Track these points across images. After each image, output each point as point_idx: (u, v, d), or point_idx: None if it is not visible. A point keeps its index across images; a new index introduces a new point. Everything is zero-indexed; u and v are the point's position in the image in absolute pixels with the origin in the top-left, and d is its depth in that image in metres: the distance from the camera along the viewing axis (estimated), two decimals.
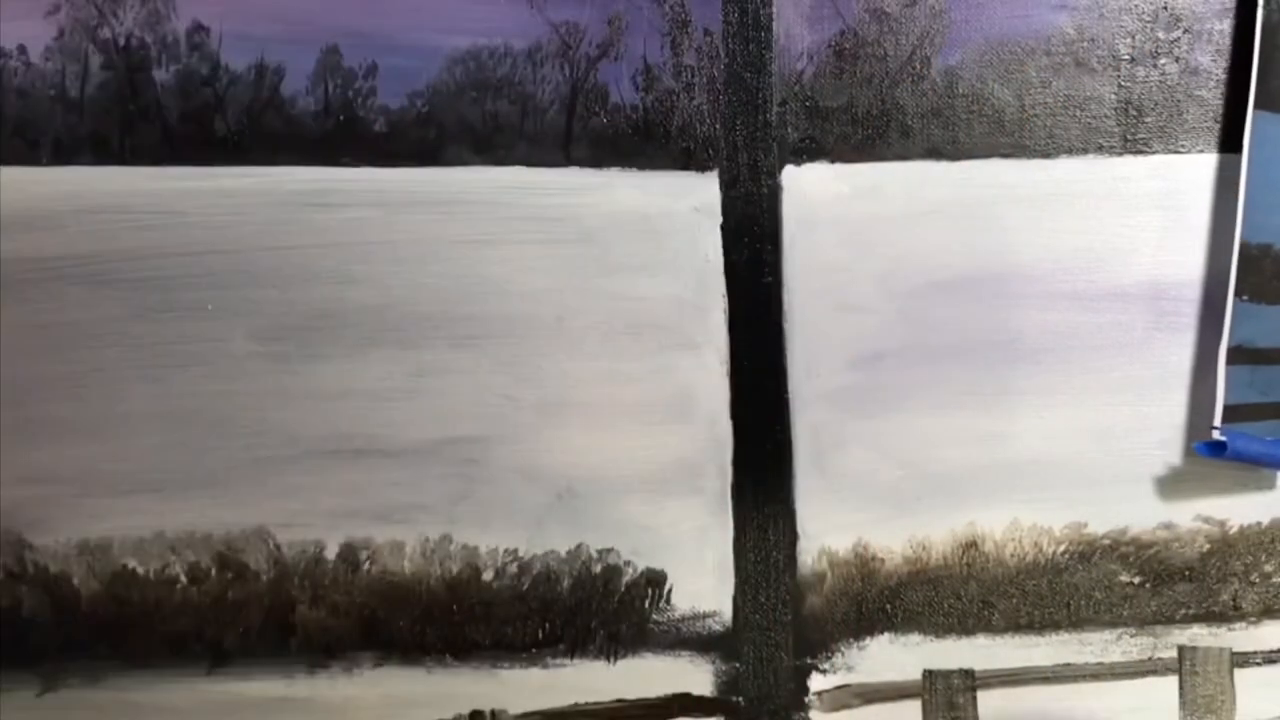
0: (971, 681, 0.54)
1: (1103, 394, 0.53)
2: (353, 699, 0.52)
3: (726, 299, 0.51)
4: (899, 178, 0.51)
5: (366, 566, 0.51)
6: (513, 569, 0.52)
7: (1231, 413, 0.51)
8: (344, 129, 0.48)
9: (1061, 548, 0.54)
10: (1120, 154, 0.51)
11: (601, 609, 0.52)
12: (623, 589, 0.52)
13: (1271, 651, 0.55)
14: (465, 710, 0.52)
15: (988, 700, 0.54)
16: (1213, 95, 0.51)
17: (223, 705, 0.51)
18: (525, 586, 0.52)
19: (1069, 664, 0.54)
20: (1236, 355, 0.51)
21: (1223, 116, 0.51)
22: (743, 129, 0.50)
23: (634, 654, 0.53)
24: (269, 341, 0.49)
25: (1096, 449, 0.53)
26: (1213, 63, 0.51)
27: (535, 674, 0.52)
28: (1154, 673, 0.55)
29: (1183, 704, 0.55)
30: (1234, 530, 0.54)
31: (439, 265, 0.50)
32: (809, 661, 0.53)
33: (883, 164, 0.51)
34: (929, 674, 0.54)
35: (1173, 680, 0.55)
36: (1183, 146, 0.51)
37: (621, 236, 0.50)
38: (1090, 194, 0.51)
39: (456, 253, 0.50)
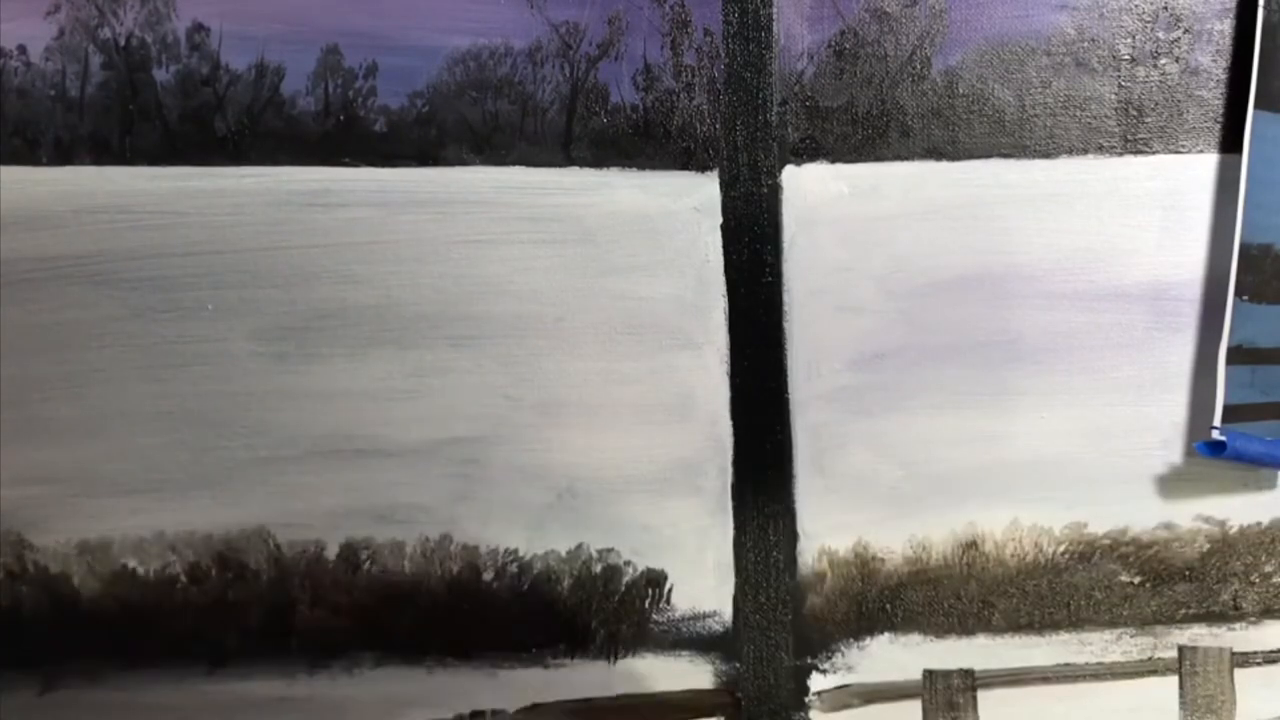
0: (971, 681, 0.54)
1: (1103, 394, 0.53)
2: (353, 699, 0.52)
3: (726, 299, 0.51)
4: (899, 178, 0.51)
5: (366, 566, 0.51)
6: (513, 569, 0.52)
7: (1231, 413, 0.51)
8: (344, 129, 0.48)
9: (1061, 548, 0.54)
10: (1120, 154, 0.51)
11: (601, 609, 0.52)
12: (623, 589, 0.52)
13: (1271, 651, 0.55)
14: (465, 710, 0.52)
15: (988, 700, 0.54)
16: (1213, 95, 0.51)
17: (223, 705, 0.51)
18: (525, 586, 0.52)
19: (1069, 664, 0.54)
20: (1236, 355, 0.51)
21: (1223, 116, 0.51)
22: (743, 129, 0.50)
23: (634, 654, 0.53)
24: (269, 341, 0.50)
25: (1096, 449, 0.53)
26: (1213, 63, 0.51)
27: (535, 674, 0.52)
28: (1154, 673, 0.55)
29: (1183, 704, 0.55)
30: (1234, 530, 0.54)
31: (439, 265, 0.50)
32: (809, 661, 0.53)
33: (883, 164, 0.51)
34: (929, 674, 0.54)
35: (1173, 680, 0.55)
36: (1183, 146, 0.51)
37: (621, 236, 0.50)
38: (1090, 194, 0.51)
39: (456, 253, 0.50)
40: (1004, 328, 0.52)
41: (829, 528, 0.53)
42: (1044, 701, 0.54)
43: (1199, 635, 0.55)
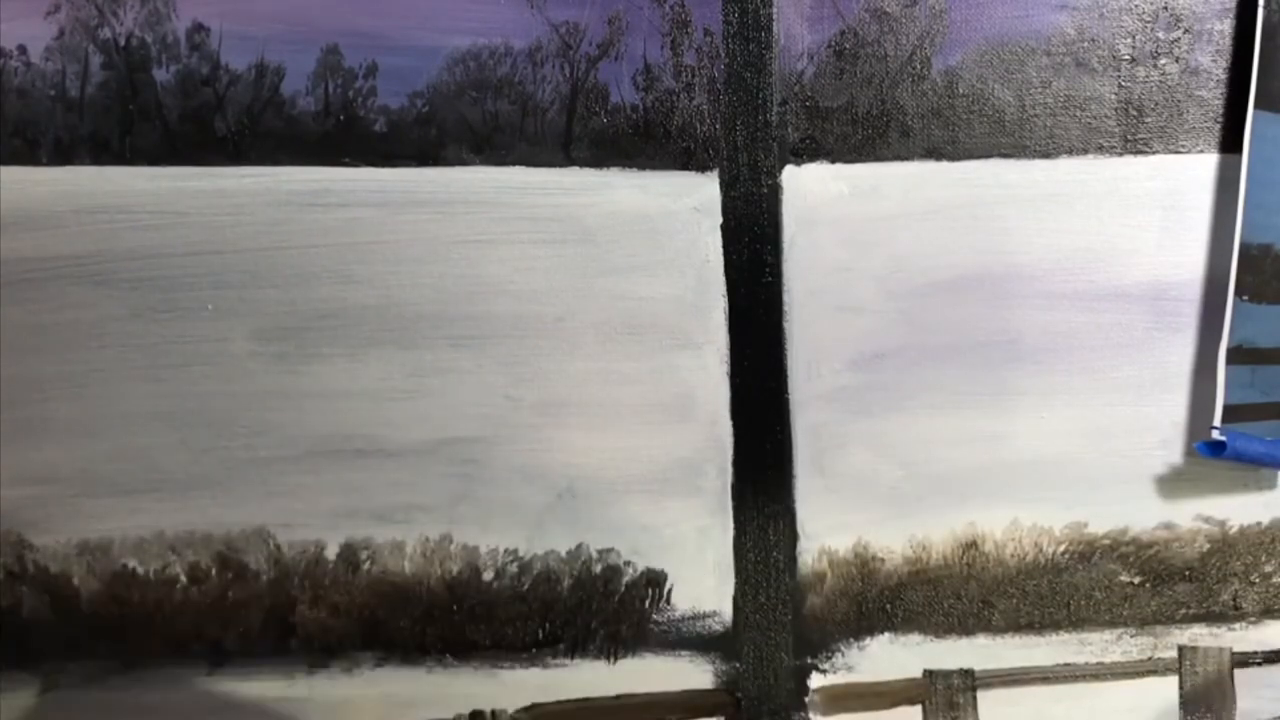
0: (971, 681, 0.54)
1: (1103, 394, 0.53)
2: (353, 699, 0.52)
3: (726, 299, 0.51)
4: (899, 178, 0.51)
5: (366, 566, 0.51)
6: (513, 569, 0.52)
7: (1231, 413, 0.51)
8: (344, 129, 0.48)
9: (1061, 548, 0.54)
10: (1120, 154, 0.51)
11: (601, 609, 0.52)
12: (623, 589, 0.52)
13: (1271, 651, 0.55)
14: (465, 710, 0.52)
15: (988, 700, 0.54)
16: (1213, 95, 0.51)
17: (223, 705, 0.51)
18: (525, 586, 0.52)
19: (1069, 664, 0.54)
20: (1236, 355, 0.51)
21: (1223, 116, 0.51)
22: (743, 129, 0.50)
23: (634, 654, 0.53)
24: (269, 341, 0.50)
25: (1096, 449, 0.53)
26: (1213, 63, 0.51)
27: (535, 674, 0.52)
28: (1154, 673, 0.55)
29: (1183, 704, 0.55)
30: (1234, 530, 0.54)
31: (439, 265, 0.50)
32: (809, 661, 0.53)
33: (883, 164, 0.51)
34: (929, 674, 0.54)
35: (1173, 680, 0.55)
36: (1183, 146, 0.51)
37: (621, 236, 0.50)
38: (1090, 194, 0.51)
39: (456, 253, 0.50)
40: (1004, 328, 0.52)
41: (829, 528, 0.53)
42: (1044, 701, 0.54)
43: (1199, 635, 0.55)
